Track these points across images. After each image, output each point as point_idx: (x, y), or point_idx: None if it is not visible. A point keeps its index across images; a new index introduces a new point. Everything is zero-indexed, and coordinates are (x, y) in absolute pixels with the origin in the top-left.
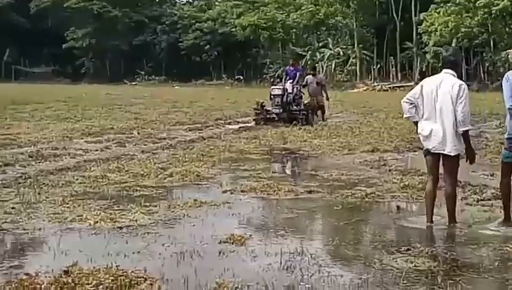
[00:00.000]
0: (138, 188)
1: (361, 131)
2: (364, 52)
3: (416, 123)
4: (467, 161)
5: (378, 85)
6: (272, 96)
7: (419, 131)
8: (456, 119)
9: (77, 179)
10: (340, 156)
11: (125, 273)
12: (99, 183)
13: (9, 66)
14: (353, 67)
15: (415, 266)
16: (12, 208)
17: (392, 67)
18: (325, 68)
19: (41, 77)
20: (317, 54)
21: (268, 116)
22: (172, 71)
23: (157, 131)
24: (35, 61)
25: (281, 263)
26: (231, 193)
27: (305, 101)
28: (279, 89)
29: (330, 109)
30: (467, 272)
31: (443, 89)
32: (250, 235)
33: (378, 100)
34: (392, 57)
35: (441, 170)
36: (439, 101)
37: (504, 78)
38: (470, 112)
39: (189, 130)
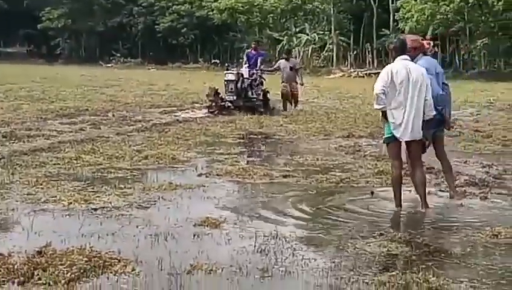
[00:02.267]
0: (113, 170)
1: (336, 117)
2: (341, 38)
3: (384, 112)
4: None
5: (354, 71)
6: (225, 83)
7: (391, 120)
8: (424, 105)
9: (51, 160)
10: (316, 141)
11: (99, 255)
12: (73, 165)
13: None
14: (330, 53)
15: (388, 250)
16: None
17: (369, 53)
18: (301, 54)
19: (15, 57)
20: (294, 39)
21: (223, 104)
22: (148, 54)
23: (132, 113)
24: (10, 42)
25: (255, 246)
26: (206, 177)
27: (265, 88)
28: (233, 74)
29: (305, 94)
30: (439, 257)
31: (414, 76)
32: (225, 218)
33: (354, 86)
34: (368, 44)
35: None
36: (411, 89)
37: (434, 67)
38: None
39: (165, 113)
